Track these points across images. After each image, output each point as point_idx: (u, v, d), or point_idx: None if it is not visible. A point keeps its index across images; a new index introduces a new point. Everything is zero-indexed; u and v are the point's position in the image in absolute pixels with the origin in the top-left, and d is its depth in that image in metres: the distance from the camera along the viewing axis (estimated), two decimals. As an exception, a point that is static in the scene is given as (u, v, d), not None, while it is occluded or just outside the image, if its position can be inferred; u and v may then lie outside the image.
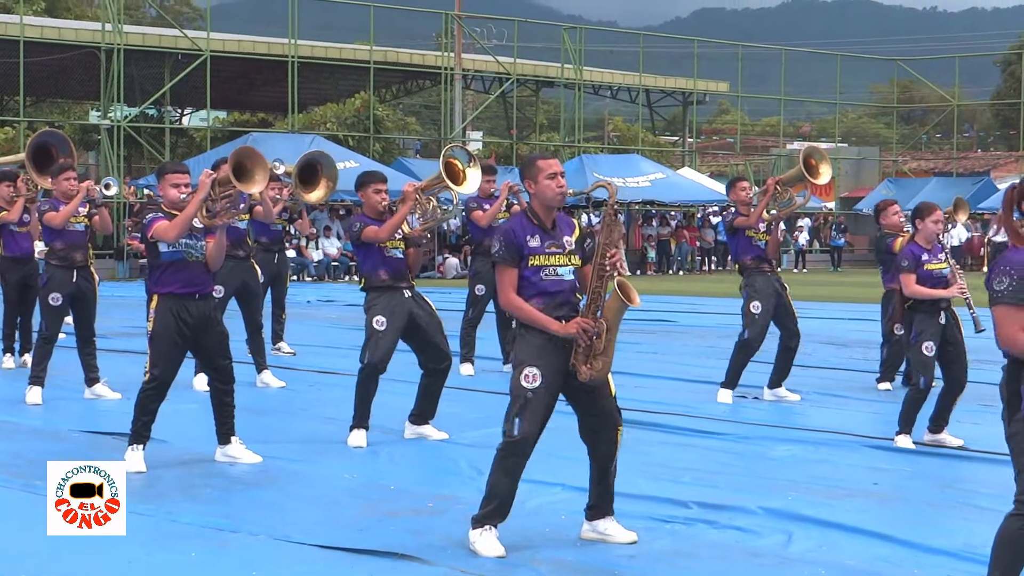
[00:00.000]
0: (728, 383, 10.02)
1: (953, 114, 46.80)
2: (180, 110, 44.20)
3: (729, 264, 33.29)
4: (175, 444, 7.88)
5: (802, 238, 38.01)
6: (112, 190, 10.12)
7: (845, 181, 44.18)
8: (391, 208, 8.09)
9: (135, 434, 7.27)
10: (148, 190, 28.08)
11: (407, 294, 8.01)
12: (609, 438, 5.63)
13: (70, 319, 10.15)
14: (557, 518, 6.13)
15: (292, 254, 25.95)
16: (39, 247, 11.41)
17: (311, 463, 7.49)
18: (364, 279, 8.10)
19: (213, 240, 7.28)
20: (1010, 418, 4.48)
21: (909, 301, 8.20)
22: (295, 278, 25.32)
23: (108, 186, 10.02)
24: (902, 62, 48.98)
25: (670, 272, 34.90)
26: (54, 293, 9.69)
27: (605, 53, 53.75)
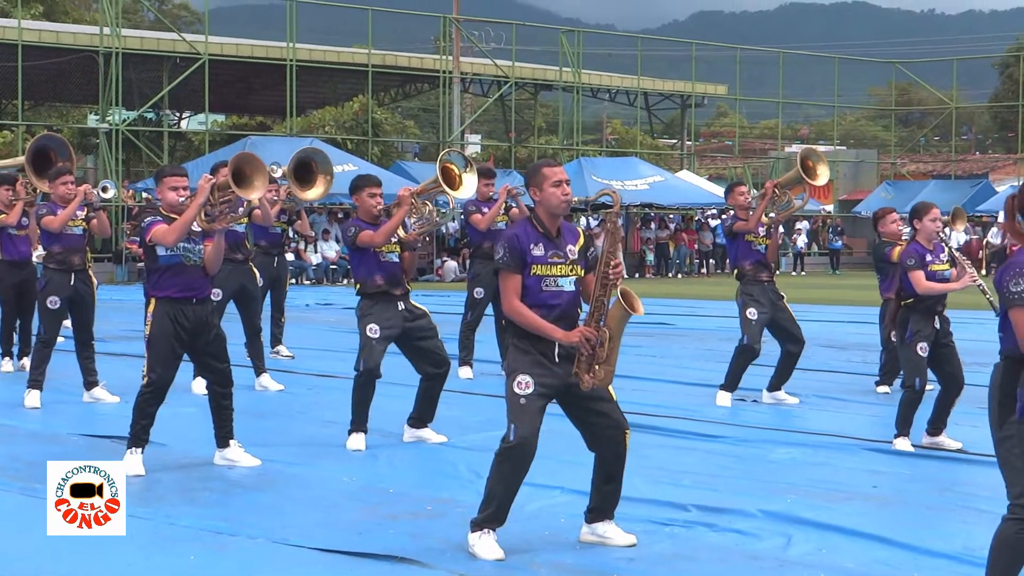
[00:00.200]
0: (727, 386, 10.01)
1: (951, 117, 46.88)
2: (178, 114, 44.21)
3: (727, 268, 33.27)
4: (174, 447, 7.88)
5: (800, 241, 38.06)
6: (109, 193, 10.10)
7: (843, 184, 44.21)
8: (386, 212, 8.08)
9: (134, 437, 7.26)
10: (146, 194, 28.03)
11: (400, 306, 7.98)
12: (617, 442, 5.62)
13: (68, 323, 10.14)
14: (556, 521, 6.13)
15: (291, 257, 25.94)
16: (37, 251, 11.40)
17: (310, 466, 7.49)
18: (359, 284, 8.06)
19: (211, 244, 7.26)
20: (1003, 420, 4.45)
21: (909, 299, 8.16)
22: (294, 281, 25.31)
23: (105, 189, 10.00)
24: (900, 65, 49.02)
25: (668, 275, 34.92)
26: (52, 297, 9.68)
27: (603, 56, 53.83)
